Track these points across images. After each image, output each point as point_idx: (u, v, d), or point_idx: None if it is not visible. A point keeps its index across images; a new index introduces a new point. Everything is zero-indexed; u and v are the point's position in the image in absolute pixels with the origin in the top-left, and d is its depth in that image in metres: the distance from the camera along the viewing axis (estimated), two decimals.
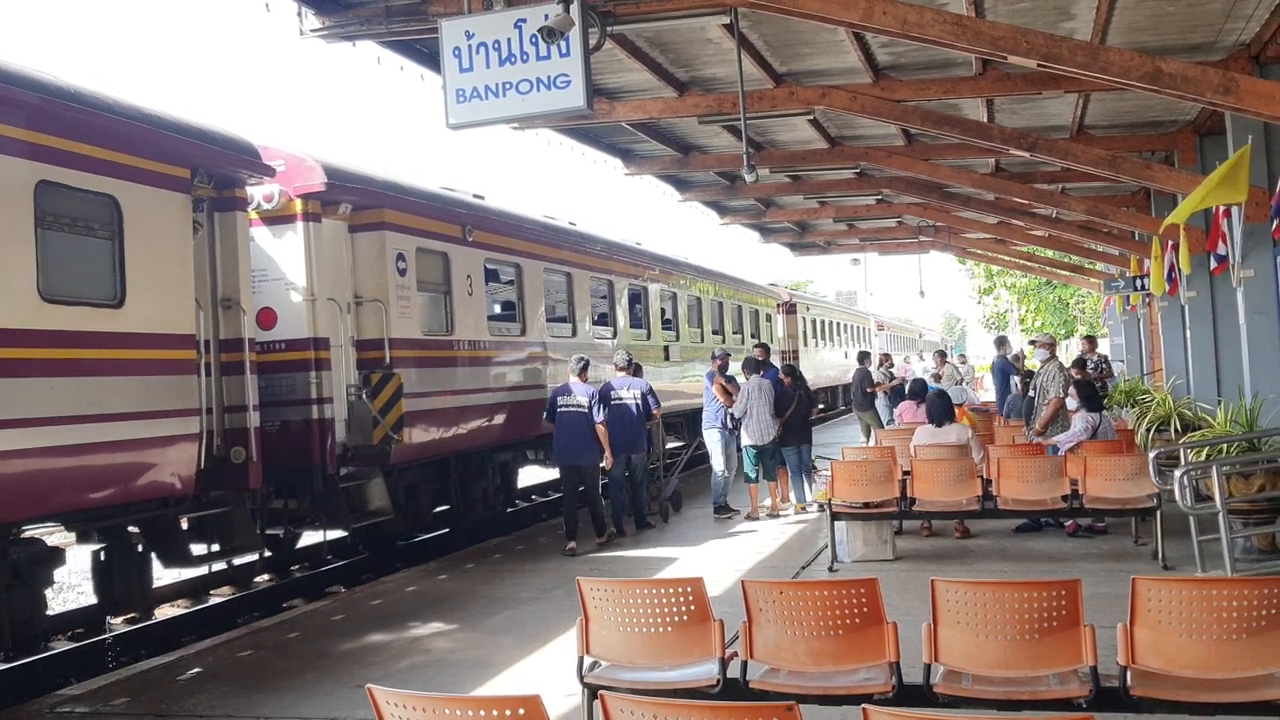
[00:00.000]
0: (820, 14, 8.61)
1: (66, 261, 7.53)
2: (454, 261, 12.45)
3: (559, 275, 15.39)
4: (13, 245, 7.02)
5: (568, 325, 15.58)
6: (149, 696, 7.10)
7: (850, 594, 5.04)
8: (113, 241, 7.89)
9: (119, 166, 7.93)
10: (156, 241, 8.24)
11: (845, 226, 27.62)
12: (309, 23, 9.94)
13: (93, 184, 7.72)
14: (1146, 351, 26.35)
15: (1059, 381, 11.90)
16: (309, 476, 10.22)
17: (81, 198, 7.64)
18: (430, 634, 8.36)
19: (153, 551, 8.85)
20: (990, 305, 55.25)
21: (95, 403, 7.57)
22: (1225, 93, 8.21)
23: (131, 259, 7.97)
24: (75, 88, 7.71)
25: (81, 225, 7.71)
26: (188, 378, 8.51)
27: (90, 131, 7.69)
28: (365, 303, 11.10)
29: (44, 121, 7.30)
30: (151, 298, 8.17)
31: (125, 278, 7.93)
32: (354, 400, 10.87)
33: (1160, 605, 4.68)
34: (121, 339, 7.92)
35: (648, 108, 13.56)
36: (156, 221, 8.26)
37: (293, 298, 10.38)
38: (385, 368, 10.99)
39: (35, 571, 7.79)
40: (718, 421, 13.81)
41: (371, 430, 10.78)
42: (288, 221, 10.38)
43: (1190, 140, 15.87)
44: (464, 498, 13.08)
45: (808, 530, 12.15)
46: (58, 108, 7.44)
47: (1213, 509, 8.23)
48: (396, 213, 11.47)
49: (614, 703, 3.67)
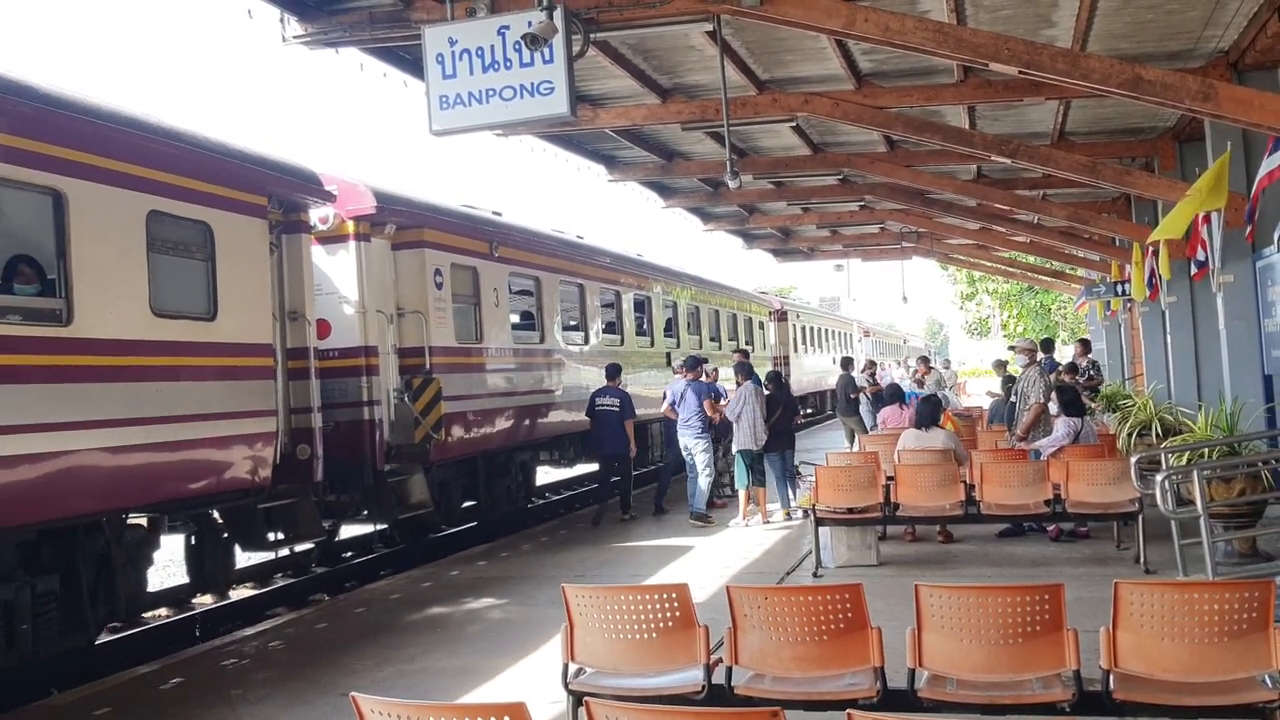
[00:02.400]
0: (803, 21, 8.65)
1: (170, 281, 8.55)
2: (482, 275, 13.61)
3: (573, 287, 16.64)
4: (130, 267, 8.08)
5: (580, 333, 16.77)
6: (132, 706, 7.06)
7: (835, 599, 5.05)
8: (207, 263, 8.93)
9: (212, 196, 8.99)
10: (241, 262, 9.28)
11: (828, 233, 27.72)
12: (291, 29, 9.90)
13: (191, 213, 8.78)
14: (1128, 356, 26.50)
15: (1039, 387, 11.95)
16: (360, 472, 11.29)
17: (182, 225, 8.70)
18: (414, 641, 8.32)
19: (235, 537, 9.90)
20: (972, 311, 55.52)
21: (194, 404, 8.63)
22: (1204, 99, 8.28)
23: (222, 278, 9.02)
24: (177, 127, 8.85)
25: (182, 249, 8.76)
26: (267, 382, 9.56)
27: (189, 165, 8.75)
28: (407, 314, 12.20)
29: (153, 158, 8.37)
30: (238, 312, 9.18)
31: (217, 294, 8.97)
32: (398, 402, 11.89)
33: (1142, 609, 4.70)
34: (215, 348, 8.96)
35: (631, 114, 13.58)
36: (241, 244, 9.30)
37: (345, 310, 11.47)
38: (425, 373, 12.06)
39: (140, 553, 8.82)
40: (701, 427, 13.84)
41: (413, 430, 11.82)
42: (341, 241, 11.50)
43: (1170, 146, 15.99)
44: (489, 494, 14.22)
45: (792, 536, 12.16)
46: (165, 145, 8.55)
47: (1194, 513, 8.26)
48: (435, 232, 12.62)
49: (599, 709, 3.67)
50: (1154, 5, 10.52)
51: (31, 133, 7.28)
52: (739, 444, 13.26)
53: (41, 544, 7.82)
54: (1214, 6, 10.49)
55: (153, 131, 8.47)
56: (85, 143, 7.73)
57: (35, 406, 7.19)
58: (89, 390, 7.65)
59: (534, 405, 14.79)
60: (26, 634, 7.55)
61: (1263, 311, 11.47)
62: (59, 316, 7.50)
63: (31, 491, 7.20)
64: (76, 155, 7.65)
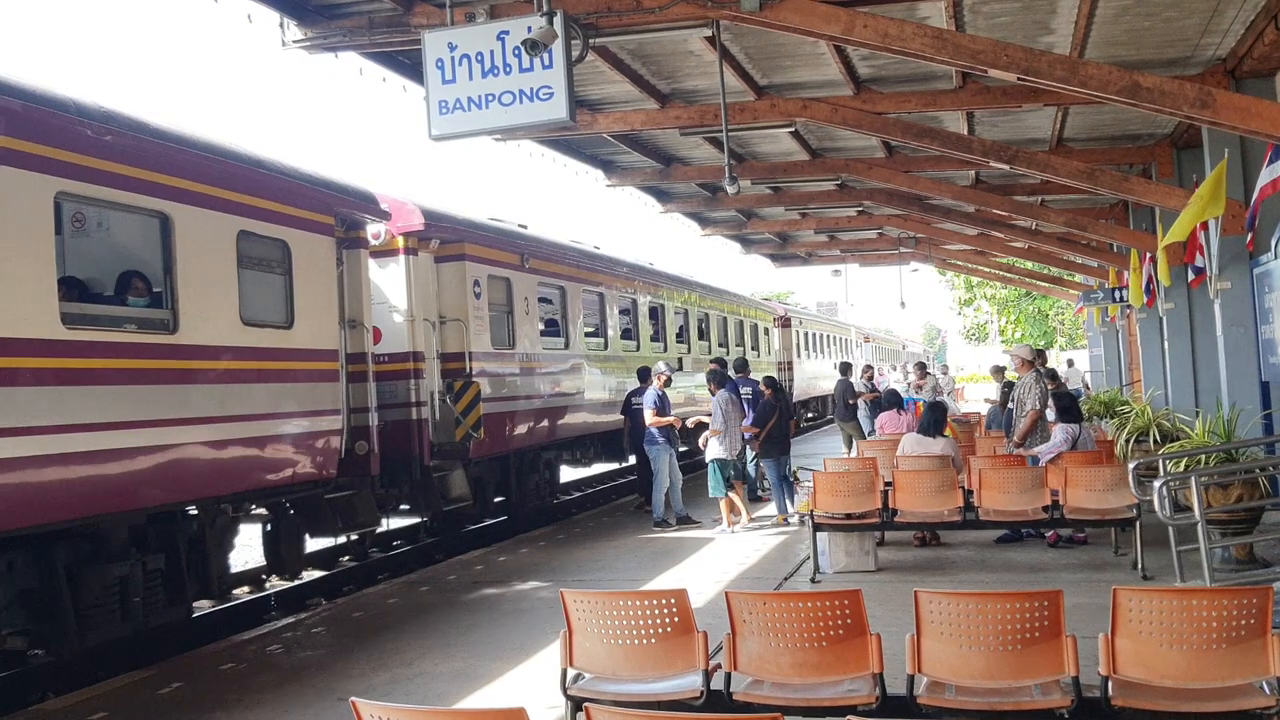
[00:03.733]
0: (801, 27, 8.66)
1: (256, 293, 9.47)
2: (515, 285, 14.67)
3: (594, 295, 17.74)
4: (224, 281, 9.07)
5: (600, 339, 17.80)
6: (128, 710, 7.05)
7: (834, 605, 5.05)
8: (285, 276, 9.89)
9: (289, 217, 9.97)
10: (314, 276, 10.29)
11: (826, 238, 27.73)
12: (291, 34, 9.92)
13: (273, 232, 9.74)
14: (1125, 363, 26.53)
15: (1036, 393, 11.96)
16: (409, 467, 12.22)
17: (265, 243, 9.65)
18: (411, 645, 8.32)
19: (305, 525, 10.91)
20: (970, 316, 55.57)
21: (275, 404, 9.66)
22: (1202, 107, 8.30)
23: (298, 290, 9.99)
24: (260, 155, 9.84)
25: (265, 265, 9.69)
26: (334, 384, 10.59)
27: (271, 190, 9.73)
28: (448, 321, 13.20)
29: (242, 183, 9.36)
30: (310, 321, 10.16)
31: (294, 305, 9.93)
32: (441, 404, 12.77)
33: (1141, 615, 4.71)
34: (291, 354, 9.95)
35: (630, 119, 13.59)
36: (314, 260, 10.30)
37: (395, 318, 12.42)
38: (465, 376, 13.05)
39: (226, 537, 9.89)
40: (663, 439, 13.88)
41: (454, 429, 12.72)
42: (391, 255, 12.42)
43: (1168, 153, 16.03)
44: (519, 489, 15.31)
45: (789, 541, 12.16)
46: (251, 172, 9.53)
47: (1191, 519, 8.27)
48: (474, 246, 13.66)
49: (598, 715, 3.67)
50: (1152, 13, 10.55)
51: (145, 163, 8.26)
52: (712, 453, 13.22)
53: (148, 527, 8.72)
54: (1212, 14, 10.51)
55: (241, 160, 9.51)
56: (187, 171, 8.70)
57: (147, 405, 8.17)
58: (190, 391, 8.65)
59: (559, 407, 15.89)
60: (139, 606, 8.51)
61: (1260, 318, 11.48)
62: (167, 325, 8.46)
63: (143, 480, 8.17)
64: (180, 182, 8.61)
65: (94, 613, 8.11)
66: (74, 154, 7.66)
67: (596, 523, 14.81)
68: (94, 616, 8.12)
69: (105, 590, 8.19)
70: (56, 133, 7.51)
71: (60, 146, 7.53)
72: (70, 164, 7.61)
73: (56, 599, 7.82)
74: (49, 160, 7.44)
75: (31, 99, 7.42)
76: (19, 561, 7.67)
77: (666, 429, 14.04)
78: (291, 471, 9.89)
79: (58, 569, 7.85)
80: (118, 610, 8.32)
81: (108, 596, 8.21)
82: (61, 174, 7.53)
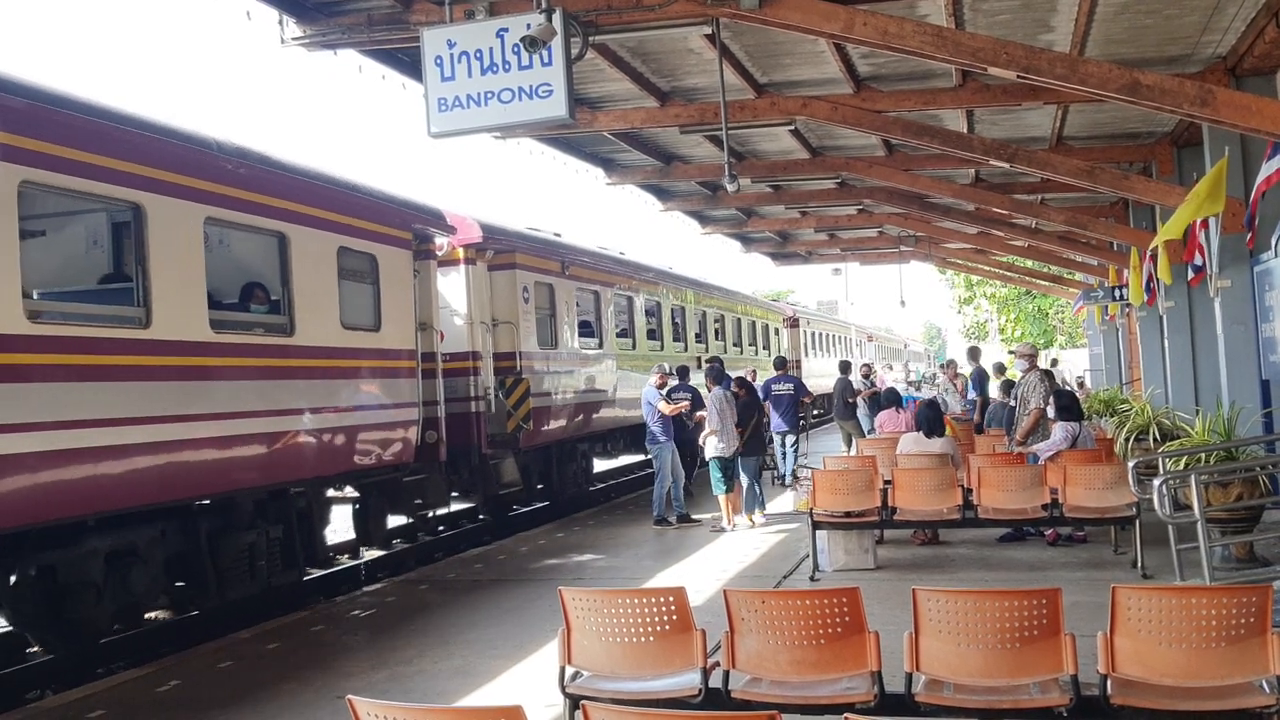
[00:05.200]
0: (801, 25, 8.65)
1: (352, 300, 10.85)
2: (557, 291, 16.15)
3: (624, 299, 19.27)
4: (328, 291, 10.52)
5: (629, 339, 19.29)
6: (126, 708, 7.04)
7: (832, 603, 5.04)
8: (373, 286, 11.26)
9: (377, 234, 11.38)
10: (396, 284, 11.65)
11: (826, 236, 27.71)
12: (290, 31, 9.90)
13: (365, 247, 11.14)
14: (1125, 361, 26.52)
15: (1039, 392, 11.95)
16: (469, 455, 13.64)
17: (359, 257, 11.04)
18: (410, 643, 8.31)
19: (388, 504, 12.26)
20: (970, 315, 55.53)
21: (367, 397, 11.11)
22: (1202, 105, 8.28)
23: (384, 297, 11.37)
24: (354, 180, 11.30)
25: (358, 276, 11.03)
26: (412, 380, 11.93)
27: (363, 210, 11.19)
28: (500, 324, 14.57)
29: (342, 205, 10.82)
30: (393, 324, 11.55)
31: (381, 310, 11.33)
32: (495, 398, 14.07)
33: (1140, 614, 4.69)
34: (379, 354, 11.36)
35: (629, 117, 13.58)
36: (396, 270, 11.68)
37: (456, 321, 13.81)
38: (516, 374, 14.51)
39: (325, 513, 11.33)
40: (666, 437, 13.90)
41: (506, 421, 14.19)
42: (453, 265, 13.89)
43: (1168, 151, 16.02)
44: (560, 477, 16.69)
45: (789, 539, 12.15)
46: (348, 195, 10.99)
47: (1191, 518, 8.26)
48: (524, 255, 15.18)
49: (596, 713, 3.66)
50: (1152, 10, 10.53)
51: (267, 190, 9.68)
52: (711, 451, 13.24)
53: (268, 503, 10.08)
54: (1212, 12, 10.50)
55: (340, 185, 10.96)
56: (300, 196, 10.14)
57: (271, 397, 9.58)
58: (303, 385, 10.02)
59: (594, 402, 17.25)
60: (263, 569, 9.90)
61: (1260, 316, 11.47)
62: (285, 329, 9.86)
63: (267, 462, 9.55)
64: (294, 206, 10.01)
65: (230, 574, 9.53)
66: (218, 185, 9.04)
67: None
68: (230, 577, 9.53)
69: (238, 555, 9.62)
70: (205, 168, 8.91)
71: (208, 179, 8.92)
72: (213, 193, 8.97)
73: (200, 562, 9.26)
74: (200, 191, 8.81)
75: (188, 140, 8.88)
76: (171, 530, 9.01)
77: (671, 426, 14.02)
78: (378, 457, 11.31)
79: (201, 537, 9.26)
80: (248, 572, 9.74)
81: (240, 560, 9.64)
82: (208, 202, 8.90)
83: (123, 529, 8.45)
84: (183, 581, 9.48)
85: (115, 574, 8.40)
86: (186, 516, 9.16)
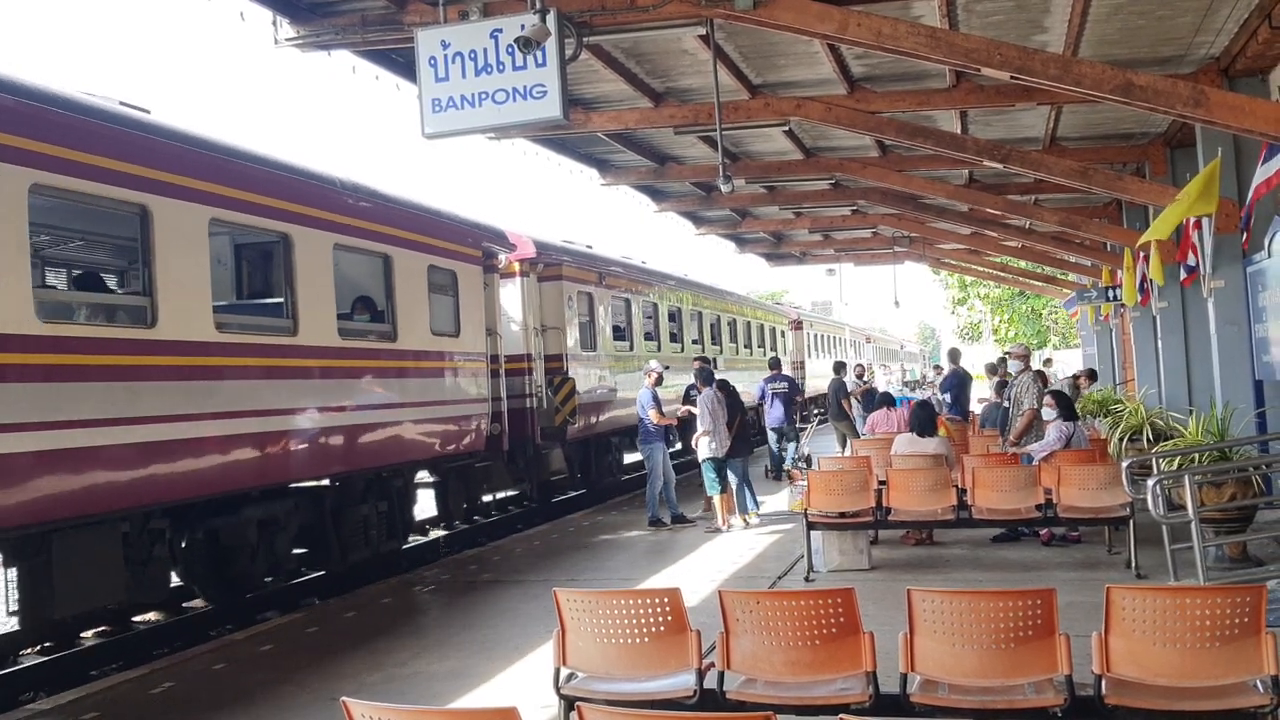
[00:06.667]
0: (795, 26, 8.65)
1: (438, 310, 12.56)
2: (595, 299, 17.95)
3: (650, 305, 21.14)
4: (421, 302, 12.19)
5: (654, 343, 21.03)
6: (120, 710, 7.03)
7: (827, 604, 5.04)
8: (454, 297, 12.96)
9: (457, 253, 13.13)
10: (471, 296, 13.37)
11: (820, 237, 27.72)
12: (284, 32, 9.88)
13: (448, 265, 12.86)
14: (1119, 362, 26.56)
15: (1033, 392, 11.97)
16: (524, 446, 15.31)
17: (443, 273, 12.75)
18: (406, 645, 8.30)
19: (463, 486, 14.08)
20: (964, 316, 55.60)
21: (449, 393, 12.78)
22: (1195, 105, 8.30)
23: (462, 307, 13.09)
24: (441, 209, 13.12)
25: (443, 289, 12.73)
26: (483, 379, 13.64)
27: (447, 233, 12.97)
28: (549, 329, 16.12)
29: (432, 230, 12.61)
30: (470, 330, 13.27)
31: (460, 319, 13.02)
32: (545, 395, 15.66)
33: (1134, 614, 4.70)
34: (459, 356, 13.03)
35: (624, 118, 13.56)
36: (471, 284, 13.42)
37: (513, 327, 15.48)
38: (563, 374, 16.12)
39: (415, 493, 13.23)
40: (657, 436, 13.93)
41: (554, 416, 15.81)
42: (510, 277, 15.57)
43: (1161, 152, 16.03)
44: (597, 468, 18.45)
45: (783, 540, 12.16)
46: (437, 221, 12.80)
47: (1185, 518, 8.28)
48: (569, 268, 16.93)
49: (591, 714, 3.66)
50: (1145, 11, 10.55)
51: (377, 219, 11.46)
52: (704, 453, 13.26)
53: (375, 483, 11.77)
54: (1205, 13, 10.51)
55: (430, 212, 12.77)
56: (401, 223, 11.94)
57: (381, 393, 11.41)
58: (403, 383, 11.79)
59: (626, 399, 18.01)
60: (374, 538, 11.69)
61: (1253, 317, 11.50)
62: (391, 336, 11.60)
63: (377, 448, 11.34)
64: (397, 232, 11.84)
65: (349, 541, 11.29)
66: (341, 216, 10.86)
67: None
68: (349, 543, 11.29)
69: (355, 525, 11.40)
70: (332, 203, 10.72)
71: (334, 212, 10.73)
72: (338, 223, 10.78)
73: (325, 530, 11.06)
74: (329, 222, 10.63)
75: (321, 180, 10.68)
76: (302, 504, 10.82)
77: (664, 426, 14.12)
78: (457, 445, 12.97)
79: (326, 509, 11.06)
80: (362, 539, 11.47)
81: (356, 530, 11.41)
82: (335, 231, 10.72)
83: (271, 501, 10.28)
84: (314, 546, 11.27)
85: (265, 539, 10.33)
86: (314, 493, 11.02)
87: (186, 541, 9.83)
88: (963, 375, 19.07)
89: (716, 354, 24.73)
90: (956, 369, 19.37)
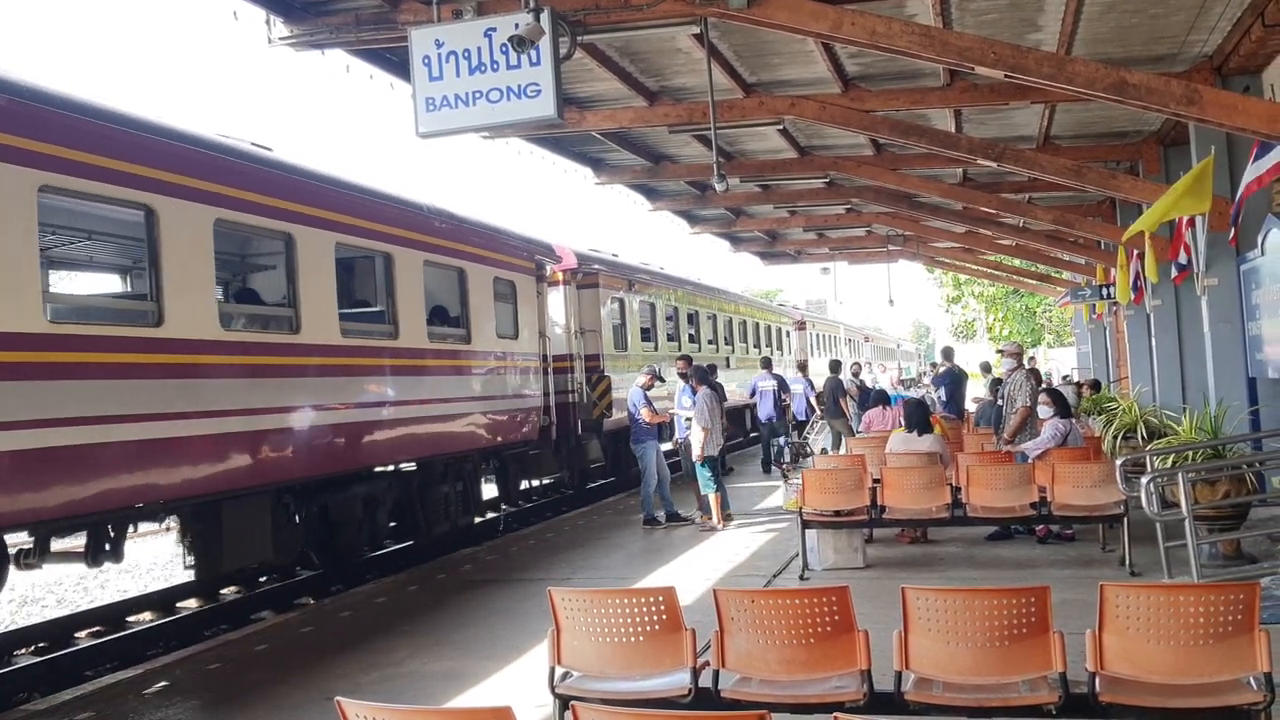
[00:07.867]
0: (790, 25, 8.65)
1: (501, 316, 14.25)
2: (626, 303, 19.81)
3: (671, 308, 22.91)
4: (488, 309, 13.86)
5: (675, 343, 22.58)
6: (115, 711, 7.01)
7: (821, 602, 5.04)
8: (512, 305, 14.69)
9: (516, 265, 14.86)
10: (527, 303, 15.13)
11: (815, 235, 27.74)
12: (277, 31, 9.86)
13: (508, 276, 14.55)
14: (1113, 359, 26.61)
15: (1026, 390, 11.97)
16: (567, 437, 16.97)
17: (504, 284, 14.41)
18: (400, 645, 8.30)
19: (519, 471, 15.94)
20: (958, 314, 55.65)
21: (509, 388, 14.46)
22: (1189, 103, 8.31)
23: (520, 313, 14.82)
24: (501, 226, 14.93)
25: (504, 297, 14.41)
26: (537, 376, 15.35)
27: (509, 248, 14.77)
28: (587, 332, 17.94)
29: (497, 247, 14.38)
30: (526, 333, 15.01)
31: (518, 323, 14.76)
32: (585, 391, 17.42)
33: (1128, 611, 4.70)
34: (517, 356, 14.72)
35: (618, 117, 13.56)
36: (527, 292, 15.16)
37: (557, 330, 17.10)
38: (600, 372, 17.91)
39: (481, 476, 14.95)
40: (650, 436, 13.96)
41: (592, 410, 17.58)
42: (555, 285, 17.22)
43: (1154, 150, 16.07)
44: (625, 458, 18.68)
45: (778, 538, 12.16)
46: (498, 238, 14.50)
47: (1179, 515, 8.29)
48: (605, 276, 18.81)
49: (585, 713, 3.66)
50: (1139, 10, 10.57)
51: (454, 239, 13.12)
52: (697, 452, 13.26)
53: (451, 466, 13.46)
54: (1198, 11, 10.54)
55: (495, 230, 14.52)
56: (473, 241, 13.68)
57: (457, 388, 13.04)
58: (473, 380, 13.47)
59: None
60: (452, 513, 13.50)
61: (1246, 314, 11.53)
62: (465, 339, 13.25)
63: (453, 436, 13.02)
64: (470, 249, 13.56)
65: (432, 515, 13.12)
66: (427, 237, 12.54)
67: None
68: (432, 517, 13.11)
69: (436, 502, 13.22)
70: (420, 226, 12.39)
71: (422, 233, 12.40)
72: (425, 243, 12.46)
73: (412, 505, 12.88)
74: (419, 242, 12.31)
75: (412, 206, 12.37)
76: (394, 483, 12.51)
77: (657, 425, 14.14)
78: (515, 435, 14.63)
79: (413, 488, 12.87)
80: (442, 514, 13.27)
81: (437, 505, 13.24)
82: (423, 249, 12.37)
83: (372, 481, 12.02)
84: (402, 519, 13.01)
85: (368, 513, 12.00)
86: (403, 475, 12.67)
87: (304, 514, 11.10)
88: (957, 373, 19.09)
89: (729, 353, 26.72)
90: (951, 367, 19.40)
